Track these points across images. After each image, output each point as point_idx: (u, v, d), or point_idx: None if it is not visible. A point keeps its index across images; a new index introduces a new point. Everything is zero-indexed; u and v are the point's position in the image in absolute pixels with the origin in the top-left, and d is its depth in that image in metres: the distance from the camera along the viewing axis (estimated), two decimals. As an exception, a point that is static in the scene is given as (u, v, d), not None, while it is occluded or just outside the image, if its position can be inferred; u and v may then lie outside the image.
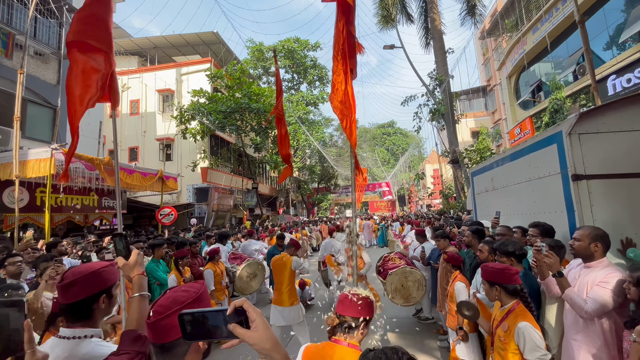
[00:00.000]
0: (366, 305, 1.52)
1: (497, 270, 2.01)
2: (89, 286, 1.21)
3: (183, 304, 0.84)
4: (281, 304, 3.92)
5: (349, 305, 1.52)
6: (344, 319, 1.51)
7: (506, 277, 1.97)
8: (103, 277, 1.26)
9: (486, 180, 4.60)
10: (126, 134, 17.72)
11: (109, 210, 9.94)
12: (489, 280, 2.04)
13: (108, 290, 1.27)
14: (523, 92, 16.12)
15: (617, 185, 2.56)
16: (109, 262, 1.34)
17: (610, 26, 10.68)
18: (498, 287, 1.99)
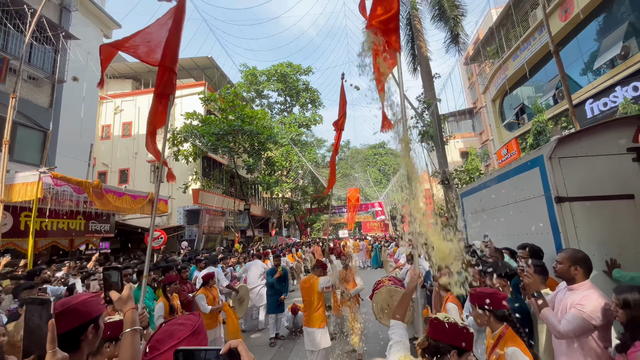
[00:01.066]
0: (458, 333, 1.42)
1: (486, 295, 2.01)
2: (77, 317, 1.21)
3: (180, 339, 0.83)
4: (311, 325, 3.99)
5: (441, 329, 1.43)
6: (435, 342, 1.44)
7: (495, 301, 1.97)
8: (91, 308, 1.26)
9: (475, 201, 4.69)
10: (117, 156, 17.62)
11: (96, 234, 9.68)
12: (479, 305, 2.04)
13: (95, 321, 1.27)
14: (507, 114, 16.76)
15: (598, 207, 2.65)
16: (95, 293, 1.33)
17: (584, 54, 11.36)
18: (487, 312, 1.99)
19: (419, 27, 13.85)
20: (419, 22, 13.96)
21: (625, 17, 9.49)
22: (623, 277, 2.48)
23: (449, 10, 13.22)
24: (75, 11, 10.13)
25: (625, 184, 2.65)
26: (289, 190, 26.93)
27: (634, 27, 9.24)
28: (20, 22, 8.22)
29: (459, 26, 13.55)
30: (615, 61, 9.57)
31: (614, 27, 9.77)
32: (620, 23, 9.57)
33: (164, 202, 10.26)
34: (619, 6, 9.78)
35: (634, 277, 2.43)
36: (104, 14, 12.19)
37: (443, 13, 13.44)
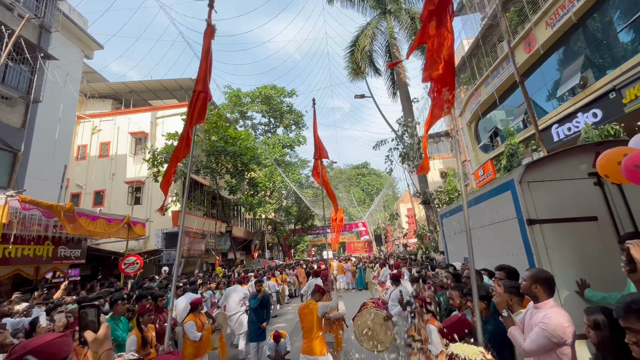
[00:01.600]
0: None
1: (454, 324, 2.14)
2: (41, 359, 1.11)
3: None
4: (312, 353, 3.79)
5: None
6: None
7: (463, 326, 2.10)
8: (55, 349, 1.16)
9: (454, 222, 4.82)
10: (93, 177, 16.98)
11: (65, 261, 9.12)
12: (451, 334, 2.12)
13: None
14: (482, 136, 17.60)
15: (566, 228, 2.79)
16: (63, 333, 1.25)
17: (548, 82, 12.28)
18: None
19: (397, 55, 14.61)
20: (397, 50, 14.75)
21: (582, 51, 10.43)
22: (594, 297, 2.58)
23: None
24: (55, 32, 10.05)
25: (589, 207, 2.82)
26: (272, 211, 26.62)
27: (590, 59, 10.15)
28: (-3, 42, 8.05)
29: (434, 55, 14.39)
30: (575, 90, 10.39)
31: (573, 59, 10.68)
32: (578, 56, 10.49)
33: (141, 225, 9.89)
34: (576, 41, 10.76)
35: (605, 297, 2.53)
36: (86, 35, 12.16)
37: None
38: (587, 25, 10.18)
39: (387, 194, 46.82)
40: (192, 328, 4.17)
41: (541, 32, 11.22)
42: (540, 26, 11.21)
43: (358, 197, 45.69)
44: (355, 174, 52.07)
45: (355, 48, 15.16)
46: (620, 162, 1.88)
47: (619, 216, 2.79)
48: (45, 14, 9.74)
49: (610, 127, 7.35)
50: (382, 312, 4.26)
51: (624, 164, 1.84)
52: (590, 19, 10.00)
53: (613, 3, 9.21)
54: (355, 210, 43.06)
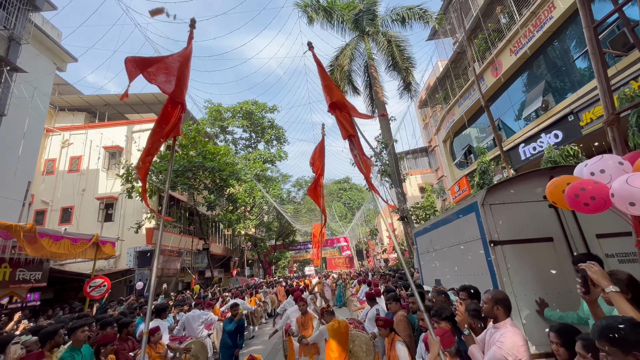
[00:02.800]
0: None
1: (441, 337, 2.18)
2: None
3: None
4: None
5: None
6: None
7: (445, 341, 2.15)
8: None
9: (426, 241, 4.93)
10: (59, 194, 16.14)
11: (24, 284, 8.49)
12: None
13: None
14: (457, 153, 18.33)
15: (525, 249, 2.93)
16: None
17: (515, 104, 13.09)
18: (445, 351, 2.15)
19: (375, 75, 15.15)
20: (375, 71, 15.31)
21: (543, 76, 11.25)
22: (553, 316, 2.69)
23: (400, 61, 14.72)
24: (25, 44, 9.73)
25: (545, 228, 2.99)
26: (252, 227, 26.15)
27: (550, 84, 10.94)
28: (-41, 53, 7.68)
29: (410, 76, 15.07)
30: (538, 112, 11.12)
31: (536, 83, 11.49)
32: (540, 80, 11.29)
33: (111, 245, 9.40)
34: (538, 67, 11.61)
35: (562, 317, 2.64)
36: (59, 48, 11.84)
37: (395, 64, 14.92)
38: (548, 52, 11.03)
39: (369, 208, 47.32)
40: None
41: (506, 58, 12.04)
42: (505, 53, 12.03)
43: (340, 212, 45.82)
44: (337, 188, 52.40)
45: (334, 68, 15.60)
46: (564, 190, 2.03)
47: (572, 237, 2.96)
48: (16, 25, 9.44)
49: (569, 148, 7.88)
50: (365, 334, 4.23)
51: (566, 193, 1.98)
52: (550, 47, 10.86)
53: (570, 33, 10.06)
54: (336, 225, 43.06)
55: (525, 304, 2.80)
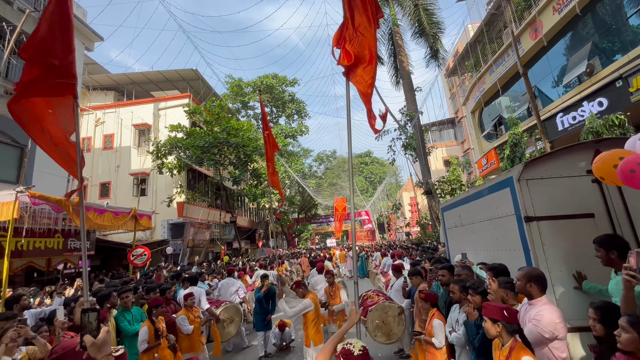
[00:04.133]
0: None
1: (500, 309, 2.08)
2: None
3: None
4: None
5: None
6: None
7: (509, 315, 2.05)
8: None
9: (455, 216, 4.88)
10: (98, 170, 17.17)
11: (75, 252, 9.36)
12: (492, 318, 2.10)
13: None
14: (487, 124, 17.44)
15: (563, 225, 2.85)
16: (69, 344, 1.34)
17: (554, 69, 12.07)
18: (500, 324, 2.04)
19: (400, 43, 14.36)
20: (400, 38, 14.49)
21: (590, 37, 10.19)
22: (592, 288, 2.66)
23: (428, 27, 13.79)
24: (55, 25, 9.99)
25: (586, 204, 2.87)
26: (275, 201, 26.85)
27: (597, 46, 9.92)
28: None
29: (438, 42, 14.14)
30: (582, 78, 10.21)
31: (580, 46, 10.46)
32: (585, 42, 10.26)
33: (147, 218, 10.05)
34: (584, 26, 10.50)
35: (601, 290, 2.61)
36: (85, 27, 12.06)
37: (422, 30, 14.01)
38: (597, 9, 9.91)
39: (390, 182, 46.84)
40: (184, 321, 4.31)
41: (548, 17, 10.95)
42: (547, 12, 10.93)
43: (361, 186, 45.76)
44: (358, 162, 51.92)
45: (357, 36, 14.89)
46: (616, 165, 1.92)
47: (615, 213, 2.83)
48: (44, 6, 9.67)
49: (615, 117, 7.28)
50: (395, 305, 4.39)
51: (620, 169, 1.87)
52: (600, 2, 9.73)
53: (623, -14, 8.95)
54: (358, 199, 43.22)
55: (559, 280, 2.77)
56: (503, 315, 2.04)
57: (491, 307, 2.12)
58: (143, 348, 3.57)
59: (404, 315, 4.47)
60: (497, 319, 2.05)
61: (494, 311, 2.09)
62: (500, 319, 2.03)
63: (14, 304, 3.78)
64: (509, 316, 2.03)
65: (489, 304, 2.17)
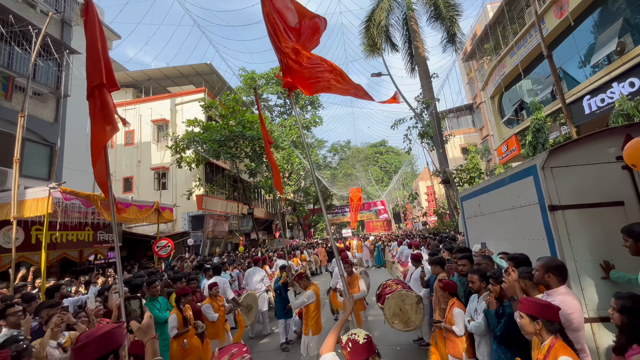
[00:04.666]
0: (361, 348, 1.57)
1: (541, 305, 1.95)
2: (100, 348, 1.31)
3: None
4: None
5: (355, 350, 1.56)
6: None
7: (550, 313, 1.91)
8: (112, 339, 1.36)
9: (474, 205, 4.80)
10: (122, 165, 17.82)
11: (104, 244, 9.87)
12: (530, 314, 1.96)
13: (116, 351, 1.36)
14: (507, 110, 16.81)
15: (590, 214, 2.77)
16: (118, 324, 1.44)
17: (581, 49, 11.41)
18: (540, 322, 1.90)
19: (415, 28, 13.95)
20: (415, 23, 14.06)
21: (621, 12, 9.55)
22: (621, 277, 2.59)
23: (444, 10, 13.30)
24: (76, 26, 10.30)
25: (614, 191, 2.77)
26: (291, 192, 27.11)
27: (629, 22, 9.30)
28: (24, 40, 8.39)
29: (455, 26, 13.64)
30: (611, 57, 9.63)
31: (610, 23, 9.82)
32: (616, 18, 9.62)
33: (169, 211, 10.42)
34: (614, 2, 9.84)
35: (630, 279, 2.54)
36: (105, 26, 12.37)
37: (439, 14, 13.53)
38: (628, -18, 9.25)
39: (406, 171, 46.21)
40: (209, 310, 4.50)
41: (574, -7, 10.32)
42: (574, -13, 10.29)
43: (376, 176, 45.39)
44: (372, 152, 51.38)
45: (370, 23, 14.57)
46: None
47: (647, 201, 2.72)
48: (65, 8, 9.98)
49: (648, 98, 6.87)
50: (413, 294, 4.43)
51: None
52: (632, -25, 9.07)
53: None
54: (373, 189, 42.95)
55: (585, 270, 2.71)
56: (544, 312, 1.90)
57: (530, 303, 1.98)
58: (174, 334, 3.78)
59: (422, 303, 4.51)
60: (537, 316, 1.91)
61: (533, 307, 1.95)
62: (540, 317, 1.90)
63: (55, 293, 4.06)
64: (550, 313, 1.89)
65: (527, 299, 2.03)
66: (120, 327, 1.44)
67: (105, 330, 1.35)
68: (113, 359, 1.35)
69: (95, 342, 1.30)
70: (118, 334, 1.39)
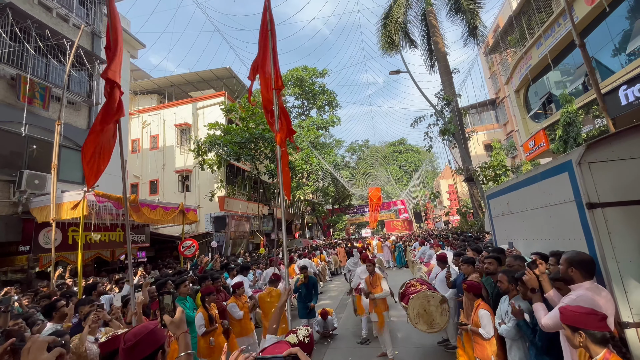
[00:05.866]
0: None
1: (580, 315, 1.74)
2: (149, 345, 1.36)
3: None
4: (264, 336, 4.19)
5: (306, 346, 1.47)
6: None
7: (592, 322, 1.70)
8: (158, 335, 1.41)
9: (502, 203, 4.62)
10: (148, 169, 18.56)
11: (134, 245, 10.31)
12: (570, 325, 1.77)
13: (162, 347, 1.42)
14: (533, 103, 16.06)
15: (633, 211, 2.59)
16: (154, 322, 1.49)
17: (615, 37, 10.71)
18: (583, 333, 1.70)
19: (434, 23, 13.63)
20: (434, 18, 13.74)
21: (660, -5, 8.90)
22: None
23: (465, 3, 12.92)
24: (104, 37, 10.83)
25: (661, 187, 2.58)
26: (310, 193, 27.22)
27: (670, 5, 8.64)
28: (59, 52, 8.91)
29: (477, 18, 13.21)
30: (650, 43, 8.99)
31: (648, 7, 9.17)
32: (654, 2, 8.97)
33: (194, 212, 10.75)
34: (652, -16, 9.18)
35: None
36: (130, 36, 12.94)
37: (459, 7, 13.15)
38: (669, -38, 8.59)
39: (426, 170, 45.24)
40: (234, 308, 4.58)
41: (607, -22, 9.70)
42: (607, -29, 9.68)
43: (395, 175, 44.73)
44: (391, 151, 50.70)
45: (388, 20, 14.37)
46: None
47: (698, 196, 2.51)
48: (95, 20, 10.52)
49: (694, 86, 6.34)
50: (438, 295, 4.34)
51: None
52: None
53: None
54: (392, 188, 42.35)
55: (629, 271, 2.53)
56: (585, 321, 1.69)
57: (569, 313, 1.76)
58: (202, 332, 3.88)
59: (447, 305, 4.39)
60: (578, 326, 1.71)
61: (572, 317, 1.75)
62: (581, 327, 1.69)
63: (92, 290, 4.28)
64: (593, 322, 1.68)
65: (567, 308, 1.81)
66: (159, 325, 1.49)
67: (151, 328, 1.40)
68: (161, 355, 1.40)
69: (145, 340, 1.34)
70: (162, 331, 1.45)
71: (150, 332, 1.39)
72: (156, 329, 1.41)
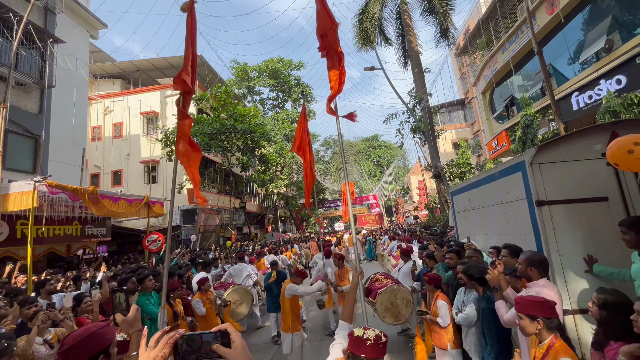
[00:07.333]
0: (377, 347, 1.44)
1: (538, 303, 1.83)
2: (87, 349, 1.24)
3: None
4: (286, 330, 4.27)
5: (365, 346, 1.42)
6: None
7: (548, 309, 1.80)
8: (100, 339, 1.29)
9: (464, 200, 4.87)
10: (110, 158, 17.46)
11: (93, 239, 9.70)
12: (529, 314, 1.83)
13: (106, 351, 1.30)
14: (498, 105, 16.99)
15: (575, 209, 2.83)
16: (105, 323, 1.39)
17: (571, 46, 11.56)
18: (541, 320, 1.79)
19: (408, 22, 13.89)
20: (409, 17, 14.00)
21: (609, 10, 9.68)
22: (603, 271, 2.67)
23: (438, 4, 13.27)
24: (60, 13, 9.95)
25: (600, 187, 2.83)
26: (284, 186, 27.02)
27: (618, 20, 9.44)
28: (5, 28, 8.07)
29: (449, 20, 13.63)
30: (600, 54, 9.78)
31: (599, 20, 9.96)
32: (605, 16, 9.75)
33: (160, 205, 10.27)
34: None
35: (612, 273, 2.62)
36: (90, 15, 11.98)
37: (432, 7, 13.49)
38: (619, -21, 9.36)
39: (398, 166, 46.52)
40: (198, 304, 4.49)
41: (566, -10, 10.39)
42: (565, -17, 10.36)
43: (368, 170, 45.58)
44: (365, 146, 51.52)
45: (364, 16, 14.45)
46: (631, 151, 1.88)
47: (630, 196, 2.79)
48: (47, -6, 9.61)
49: (634, 95, 7.02)
50: (406, 289, 4.50)
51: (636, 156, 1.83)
52: (622, -28, 9.18)
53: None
54: (365, 183, 43.16)
55: (569, 264, 2.78)
56: (542, 309, 1.79)
57: (527, 302, 1.85)
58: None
59: (412, 297, 4.58)
60: (537, 315, 1.79)
61: (531, 306, 1.83)
62: (540, 315, 1.78)
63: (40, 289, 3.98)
64: (548, 310, 1.78)
65: (523, 299, 1.90)
66: (109, 325, 1.38)
67: (92, 331, 1.29)
68: (104, 359, 1.30)
69: (81, 344, 1.23)
70: (107, 333, 1.33)
71: (90, 336, 1.26)
72: (98, 332, 1.29)
